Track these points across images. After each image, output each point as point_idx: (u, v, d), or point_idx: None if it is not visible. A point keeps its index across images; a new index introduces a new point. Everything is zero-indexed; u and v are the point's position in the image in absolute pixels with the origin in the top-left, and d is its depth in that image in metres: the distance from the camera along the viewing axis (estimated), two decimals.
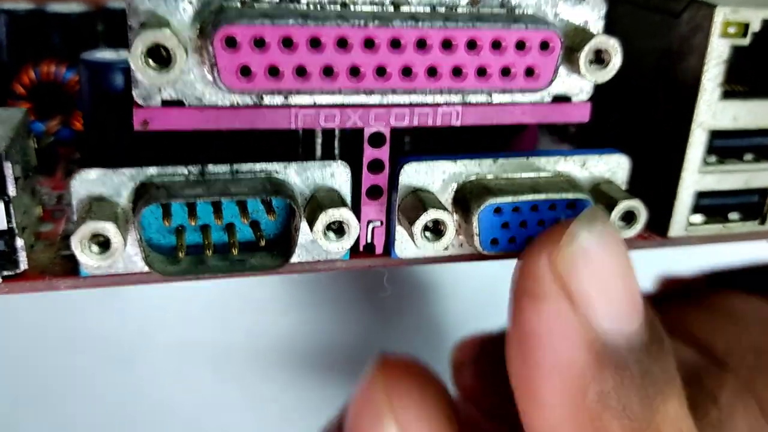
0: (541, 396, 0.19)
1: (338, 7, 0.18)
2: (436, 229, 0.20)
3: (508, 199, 0.20)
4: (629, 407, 0.18)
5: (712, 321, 0.27)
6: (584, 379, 0.18)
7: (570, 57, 0.20)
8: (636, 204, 0.21)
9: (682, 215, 0.24)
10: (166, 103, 0.18)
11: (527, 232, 0.21)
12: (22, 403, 0.43)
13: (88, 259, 0.18)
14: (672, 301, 0.27)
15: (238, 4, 0.18)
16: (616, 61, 0.20)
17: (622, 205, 0.21)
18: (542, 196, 0.21)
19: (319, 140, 0.21)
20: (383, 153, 0.21)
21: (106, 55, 0.23)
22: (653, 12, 0.24)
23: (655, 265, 0.21)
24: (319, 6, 0.18)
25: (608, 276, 0.19)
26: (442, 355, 0.47)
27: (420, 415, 0.23)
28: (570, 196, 0.21)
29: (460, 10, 0.19)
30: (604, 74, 0.20)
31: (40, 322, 0.42)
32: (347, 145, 0.21)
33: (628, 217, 0.22)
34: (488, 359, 0.32)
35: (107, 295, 0.42)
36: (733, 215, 0.25)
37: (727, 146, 0.23)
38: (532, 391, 0.19)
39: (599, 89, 0.22)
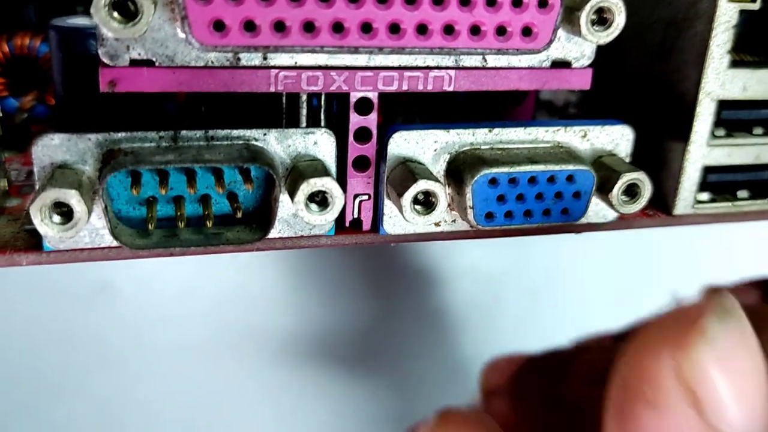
0: None
1: None
2: (426, 202, 0.19)
3: (504, 169, 0.19)
4: None
5: None
6: None
7: (570, 17, 0.18)
8: (640, 177, 0.20)
9: (689, 192, 0.22)
10: (135, 63, 0.17)
11: (525, 205, 0.20)
12: (13, 403, 0.42)
13: (48, 229, 0.17)
14: None
15: None
16: (619, 21, 0.18)
17: (626, 178, 0.20)
18: (540, 167, 0.19)
19: (303, 107, 0.20)
20: (371, 121, 0.19)
21: (77, 21, 0.22)
22: None
23: (661, 244, 0.20)
24: None
25: (745, 381, 0.16)
26: (447, 342, 0.45)
27: None
28: (570, 167, 0.20)
29: None
30: (607, 35, 0.19)
31: (32, 322, 0.40)
32: (334, 113, 0.20)
33: (632, 191, 0.20)
34: (525, 387, 0.29)
35: (103, 292, 0.40)
36: (742, 193, 0.23)
37: (736, 118, 0.22)
38: None
39: (602, 65, 0.20)
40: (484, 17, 0.18)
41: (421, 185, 0.18)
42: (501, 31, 0.18)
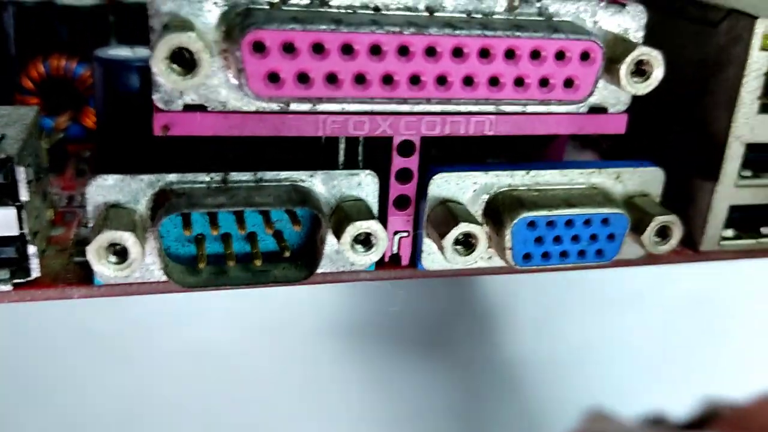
0: None
1: (371, 12, 0.18)
2: (466, 242, 0.19)
3: (543, 212, 0.20)
4: None
5: None
6: None
7: (610, 68, 0.19)
8: (672, 219, 0.21)
9: (715, 229, 0.23)
10: (188, 108, 0.18)
11: (561, 247, 0.20)
12: (31, 404, 0.42)
13: (105, 269, 0.17)
14: None
15: (266, 6, 0.17)
16: (657, 74, 0.19)
17: (658, 221, 0.20)
18: (577, 211, 0.20)
19: (342, 147, 0.20)
20: (412, 162, 0.20)
21: (120, 52, 0.23)
22: (689, 22, 0.23)
23: (687, 281, 0.20)
24: (351, 10, 0.17)
25: None
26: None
27: None
28: (606, 211, 0.20)
29: (496, 17, 0.18)
30: (645, 86, 0.19)
31: (51, 325, 0.41)
32: (371, 152, 0.20)
33: (663, 233, 0.21)
34: None
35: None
36: (765, 229, 0.24)
37: (761, 160, 0.23)
38: None
39: (634, 102, 0.21)
40: (528, 70, 0.18)
41: (463, 228, 0.19)
42: (544, 83, 0.18)
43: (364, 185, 0.19)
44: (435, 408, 0.48)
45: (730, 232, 0.24)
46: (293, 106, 0.18)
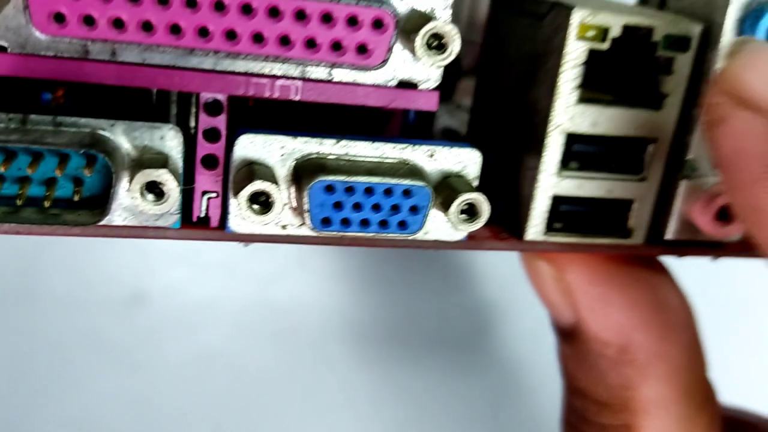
0: (763, 206, 0.19)
1: None
2: (266, 203, 0.20)
3: (341, 177, 0.20)
4: None
5: None
6: None
7: (409, 39, 0.20)
8: (478, 197, 0.21)
9: (539, 219, 0.23)
10: None
11: (361, 215, 0.21)
12: (37, 408, 0.42)
13: None
14: None
15: None
16: (454, 48, 0.20)
17: (462, 198, 0.21)
18: (376, 179, 0.20)
19: (174, 103, 0.21)
20: (220, 122, 0.20)
21: None
22: (525, 17, 0.24)
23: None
24: None
25: None
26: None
27: None
28: (406, 182, 0.21)
29: None
30: (441, 59, 0.20)
31: (62, 329, 0.41)
32: (185, 111, 0.21)
33: (472, 211, 0.21)
34: None
35: (133, 301, 0.41)
36: (593, 226, 0.24)
37: (588, 152, 0.23)
38: (754, 206, 0.19)
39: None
40: (319, 31, 0.19)
41: (256, 185, 0.19)
42: (336, 46, 0.19)
43: (167, 139, 0.20)
44: (445, 413, 0.47)
45: (558, 225, 0.24)
46: (93, 53, 0.19)
